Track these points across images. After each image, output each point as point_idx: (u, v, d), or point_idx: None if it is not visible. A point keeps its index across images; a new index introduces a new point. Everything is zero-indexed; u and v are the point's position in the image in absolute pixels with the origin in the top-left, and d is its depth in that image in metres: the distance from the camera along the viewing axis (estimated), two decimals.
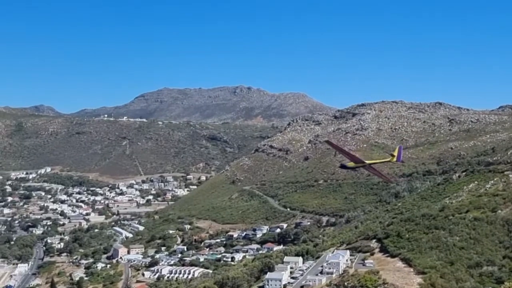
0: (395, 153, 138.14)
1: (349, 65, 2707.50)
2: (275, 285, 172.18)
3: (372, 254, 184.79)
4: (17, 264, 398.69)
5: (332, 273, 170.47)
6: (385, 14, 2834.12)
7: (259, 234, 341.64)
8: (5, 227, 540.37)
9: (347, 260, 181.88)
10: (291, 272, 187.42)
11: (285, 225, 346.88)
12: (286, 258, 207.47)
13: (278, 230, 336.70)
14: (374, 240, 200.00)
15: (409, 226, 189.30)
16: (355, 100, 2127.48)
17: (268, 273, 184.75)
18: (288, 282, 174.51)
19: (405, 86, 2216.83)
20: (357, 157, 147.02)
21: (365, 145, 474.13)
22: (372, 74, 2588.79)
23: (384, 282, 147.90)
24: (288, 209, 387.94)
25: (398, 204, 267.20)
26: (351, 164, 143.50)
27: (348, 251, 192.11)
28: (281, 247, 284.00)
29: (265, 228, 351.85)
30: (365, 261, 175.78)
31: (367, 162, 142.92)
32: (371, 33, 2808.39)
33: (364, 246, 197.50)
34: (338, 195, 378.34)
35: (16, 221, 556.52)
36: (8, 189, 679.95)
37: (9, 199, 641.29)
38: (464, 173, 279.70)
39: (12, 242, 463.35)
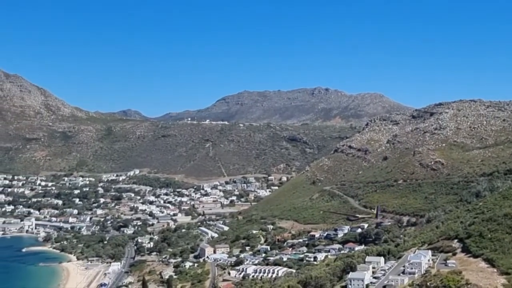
0: (374, 212, 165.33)
1: (426, 64, 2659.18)
2: (358, 284, 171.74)
3: (454, 254, 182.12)
4: (110, 262, 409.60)
5: (414, 273, 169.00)
6: (461, 13, 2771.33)
7: (340, 234, 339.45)
8: (99, 227, 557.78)
9: (429, 260, 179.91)
10: (373, 272, 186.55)
11: (366, 225, 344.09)
12: (368, 258, 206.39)
13: (359, 230, 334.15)
14: (455, 240, 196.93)
15: (491, 226, 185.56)
16: (432, 99, 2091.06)
17: (351, 272, 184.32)
18: (371, 282, 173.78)
19: (483, 84, 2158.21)
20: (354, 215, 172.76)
21: (443, 145, 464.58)
22: (448, 73, 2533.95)
23: (467, 282, 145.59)
24: (369, 209, 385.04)
25: (479, 203, 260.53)
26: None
27: (429, 251, 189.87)
28: (362, 247, 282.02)
29: (346, 228, 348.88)
30: (447, 261, 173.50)
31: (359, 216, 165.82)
32: (448, 33, 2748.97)
33: (445, 246, 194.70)
34: (418, 195, 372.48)
35: (109, 222, 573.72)
36: (100, 190, 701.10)
37: (102, 200, 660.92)
38: None
39: (105, 242, 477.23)
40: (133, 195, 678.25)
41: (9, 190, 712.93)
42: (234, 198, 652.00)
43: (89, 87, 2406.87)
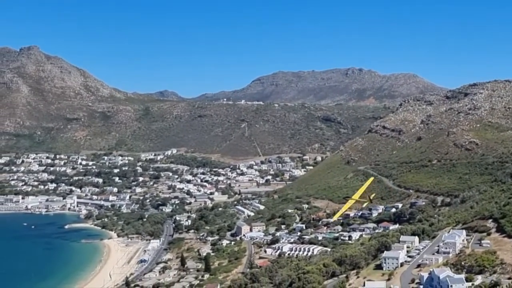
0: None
1: (460, 45, 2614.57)
2: (392, 263, 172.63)
3: (489, 234, 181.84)
4: (149, 239, 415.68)
5: (448, 253, 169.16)
6: None
7: (374, 214, 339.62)
8: (138, 205, 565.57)
9: (463, 240, 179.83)
10: (407, 251, 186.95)
11: (400, 205, 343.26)
12: (402, 237, 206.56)
13: (394, 210, 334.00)
14: (490, 220, 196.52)
15: None
16: (466, 80, 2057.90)
17: (385, 251, 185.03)
18: (405, 261, 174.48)
19: None
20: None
21: (478, 125, 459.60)
22: (483, 53, 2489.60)
23: (502, 262, 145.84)
24: (403, 189, 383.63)
25: None
26: None
27: (464, 231, 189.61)
28: (396, 226, 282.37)
29: (380, 208, 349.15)
30: (482, 241, 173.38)
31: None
32: (482, 13, 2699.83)
33: (480, 226, 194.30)
34: (452, 175, 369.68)
35: (147, 200, 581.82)
36: (139, 170, 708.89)
37: (140, 179, 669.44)
38: None
39: (145, 219, 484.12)
40: (171, 174, 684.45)
41: (52, 168, 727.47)
42: (269, 177, 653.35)
43: (127, 68, 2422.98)
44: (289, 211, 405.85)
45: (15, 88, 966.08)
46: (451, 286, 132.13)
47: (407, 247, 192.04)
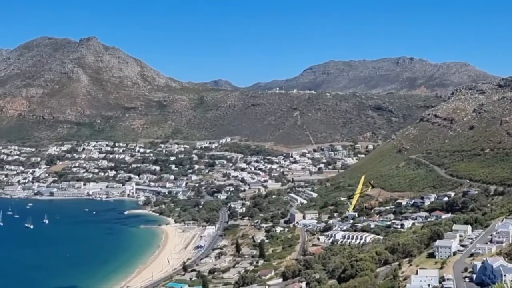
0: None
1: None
2: (445, 252, 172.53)
3: None
4: (205, 226, 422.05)
5: (502, 242, 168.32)
6: None
7: (427, 202, 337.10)
8: (194, 192, 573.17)
9: None
10: (460, 240, 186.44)
11: (452, 194, 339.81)
12: (455, 226, 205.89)
13: (446, 199, 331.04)
14: None
15: None
16: None
17: (438, 240, 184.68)
18: (458, 250, 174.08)
19: None
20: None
21: None
22: None
23: None
24: (455, 177, 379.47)
25: None
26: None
27: None
28: (449, 215, 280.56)
29: (432, 196, 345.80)
30: None
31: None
32: None
33: None
34: (505, 164, 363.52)
35: (203, 187, 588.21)
36: (195, 157, 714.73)
37: (196, 166, 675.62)
38: None
39: (201, 206, 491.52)
40: (225, 162, 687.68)
41: (111, 156, 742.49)
42: (322, 165, 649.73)
43: (182, 58, 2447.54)
44: (342, 199, 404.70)
45: (75, 78, 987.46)
46: (505, 275, 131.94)
47: (460, 236, 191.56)
